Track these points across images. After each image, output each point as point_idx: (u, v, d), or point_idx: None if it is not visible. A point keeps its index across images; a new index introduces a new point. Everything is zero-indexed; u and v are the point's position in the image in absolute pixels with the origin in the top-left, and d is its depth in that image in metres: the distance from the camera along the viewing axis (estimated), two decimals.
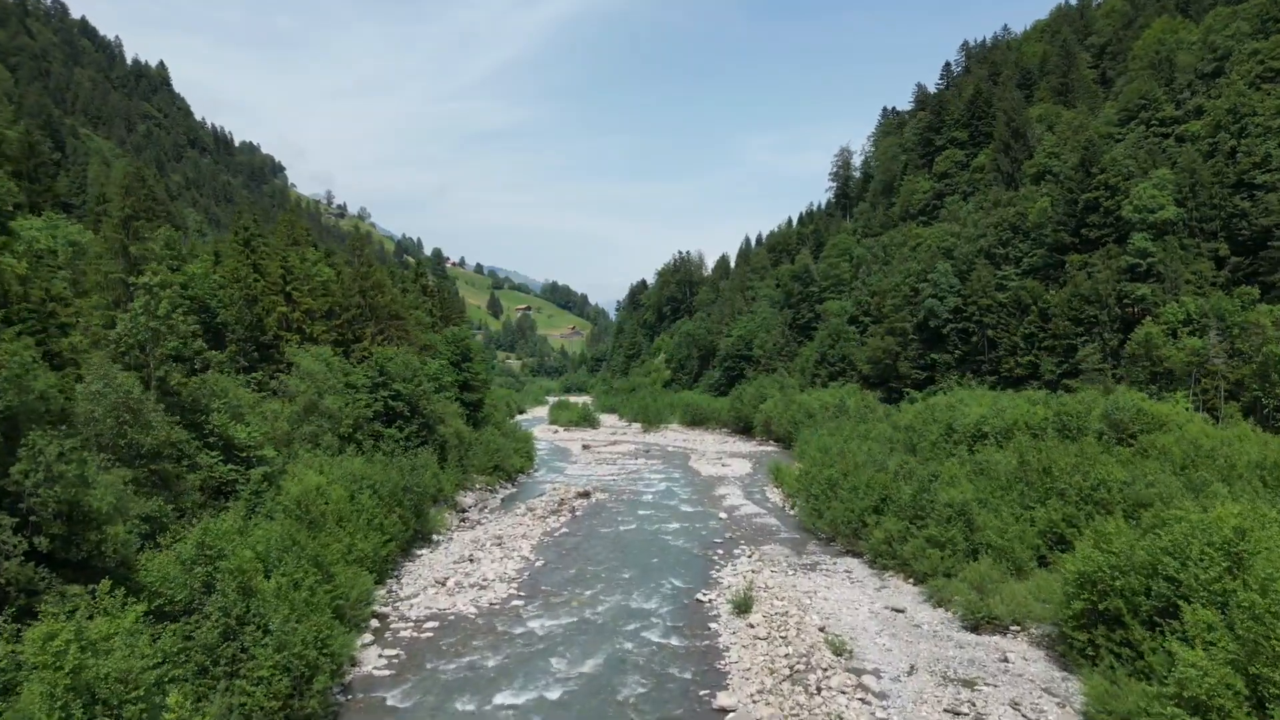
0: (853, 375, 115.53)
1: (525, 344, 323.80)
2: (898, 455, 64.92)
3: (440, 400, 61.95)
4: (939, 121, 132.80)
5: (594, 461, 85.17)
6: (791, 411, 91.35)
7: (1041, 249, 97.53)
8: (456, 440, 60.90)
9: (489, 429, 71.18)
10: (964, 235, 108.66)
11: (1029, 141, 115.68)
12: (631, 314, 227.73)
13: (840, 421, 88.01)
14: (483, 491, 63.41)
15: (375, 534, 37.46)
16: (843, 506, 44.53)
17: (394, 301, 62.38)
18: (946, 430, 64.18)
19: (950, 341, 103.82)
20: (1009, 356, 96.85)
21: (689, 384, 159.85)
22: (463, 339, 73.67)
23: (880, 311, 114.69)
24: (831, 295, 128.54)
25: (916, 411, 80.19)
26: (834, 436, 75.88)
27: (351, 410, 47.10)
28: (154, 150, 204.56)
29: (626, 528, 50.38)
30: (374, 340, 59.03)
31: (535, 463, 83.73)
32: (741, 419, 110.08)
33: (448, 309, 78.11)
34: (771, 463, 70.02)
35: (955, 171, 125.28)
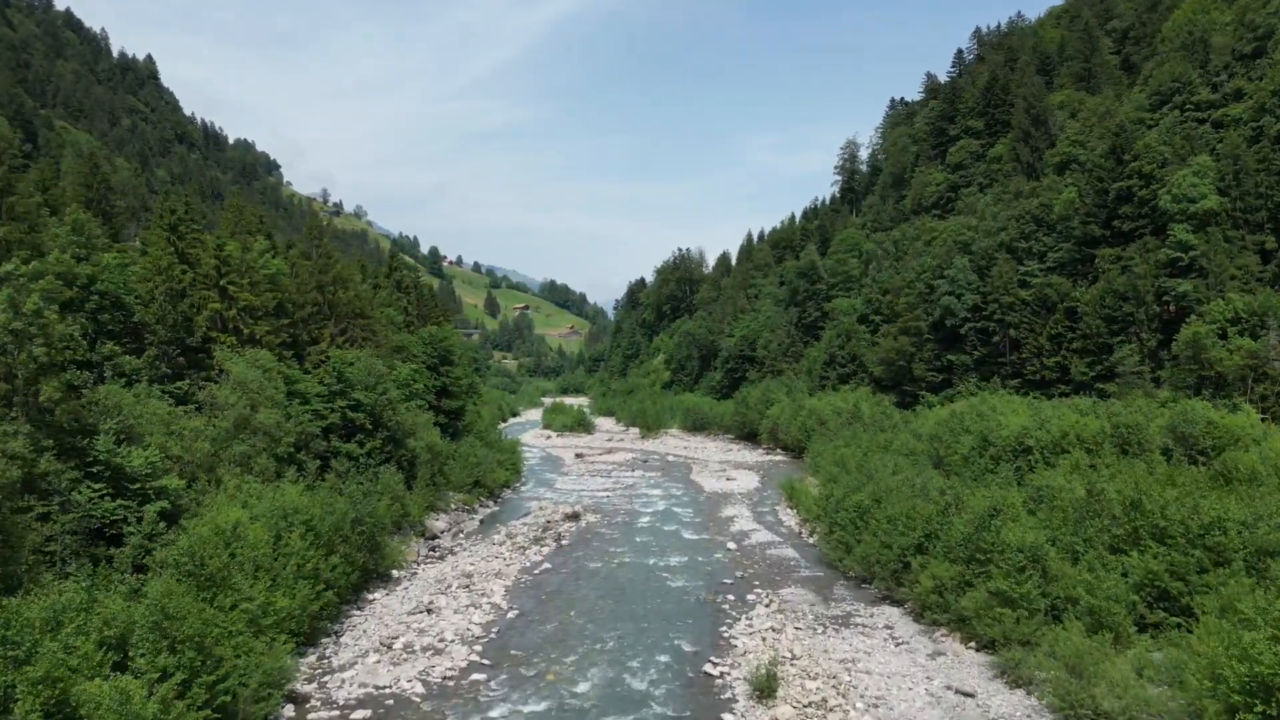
0: (863, 377, 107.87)
1: (522, 344, 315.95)
2: (926, 472, 57.32)
3: (411, 410, 54.31)
4: (952, 110, 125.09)
5: (587, 473, 77.48)
6: (801, 418, 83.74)
7: (1068, 243, 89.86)
8: (429, 455, 53.27)
9: (468, 440, 63.49)
10: (982, 229, 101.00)
11: (1050, 129, 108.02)
12: (630, 313, 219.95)
13: (854, 429, 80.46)
14: (459, 513, 55.76)
15: (306, 584, 29.80)
16: (877, 542, 36.87)
17: (359, 298, 54.72)
18: (981, 442, 56.57)
19: (968, 342, 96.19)
20: (1034, 358, 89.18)
21: (689, 385, 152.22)
22: (441, 339, 65.99)
23: (893, 310, 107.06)
24: (840, 293, 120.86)
25: (939, 419, 72.61)
26: (850, 447, 68.23)
27: (294, 425, 39.44)
28: (137, 144, 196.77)
29: (620, 561, 42.73)
30: (334, 342, 51.36)
31: (523, 475, 76.10)
32: (746, 424, 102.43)
33: (426, 307, 70.53)
34: (784, 481, 62.29)
35: (970, 162, 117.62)
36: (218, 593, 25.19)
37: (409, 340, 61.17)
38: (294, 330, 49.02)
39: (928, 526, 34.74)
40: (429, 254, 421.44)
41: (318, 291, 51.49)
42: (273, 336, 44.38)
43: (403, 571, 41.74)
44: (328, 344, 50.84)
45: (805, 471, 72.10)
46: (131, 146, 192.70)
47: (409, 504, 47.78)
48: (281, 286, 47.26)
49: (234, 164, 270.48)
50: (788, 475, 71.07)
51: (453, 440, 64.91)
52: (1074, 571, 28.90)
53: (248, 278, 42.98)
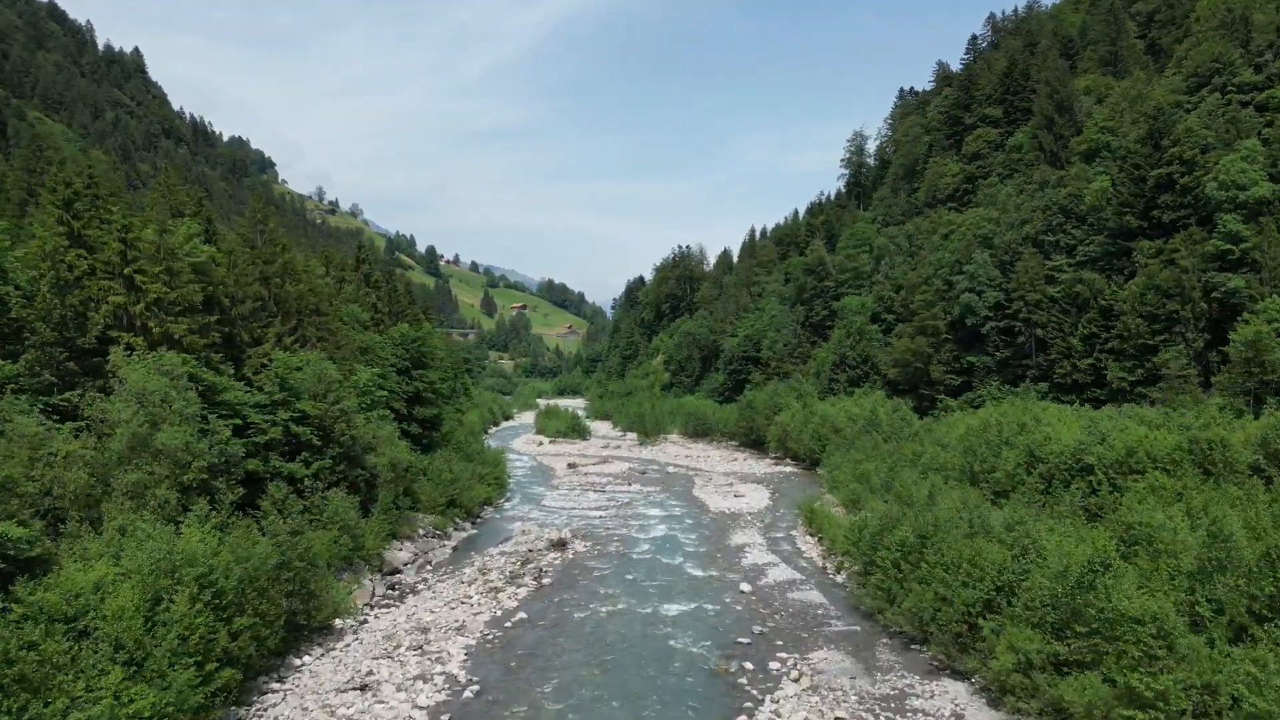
0: (876, 380, 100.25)
1: (519, 343, 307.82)
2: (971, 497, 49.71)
3: (372, 422, 46.63)
4: (968, 98, 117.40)
5: (579, 487, 69.75)
6: (813, 425, 76.01)
7: (1101, 235, 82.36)
8: (392, 474, 45.56)
9: (442, 454, 55.70)
10: (1004, 221, 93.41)
11: (1076, 116, 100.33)
12: (628, 312, 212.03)
13: (872, 438, 72.79)
14: (429, 539, 48.04)
15: (187, 667, 22.10)
16: (930, 593, 29.21)
17: (314, 292, 47.01)
18: (1027, 458, 48.91)
19: (990, 342, 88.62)
20: (1063, 360, 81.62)
21: (690, 388, 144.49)
22: (415, 339, 58.28)
23: (908, 308, 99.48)
24: (849, 290, 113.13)
25: (968, 427, 65.01)
26: (873, 461, 60.61)
27: (211, 445, 31.74)
28: (119, 137, 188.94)
29: (610, 609, 35.02)
30: (280, 343, 43.65)
31: (509, 489, 68.41)
32: (751, 431, 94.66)
33: (399, 303, 62.85)
34: (801, 502, 54.27)
35: (988, 152, 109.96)
36: (32, 700, 17.49)
37: (375, 341, 53.48)
38: (230, 329, 41.30)
39: (999, 577, 27.07)
40: (426, 253, 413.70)
41: (261, 284, 43.76)
42: (197, 337, 36.64)
43: (349, 620, 34.10)
44: (272, 345, 43.12)
45: (822, 486, 64.43)
46: (113, 140, 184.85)
47: (364, 534, 40.11)
48: (213, 277, 39.54)
49: (224, 160, 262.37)
50: (802, 491, 63.51)
51: (426, 453, 57.27)
52: (1213, 654, 21.32)
53: (163, 265, 35.26)
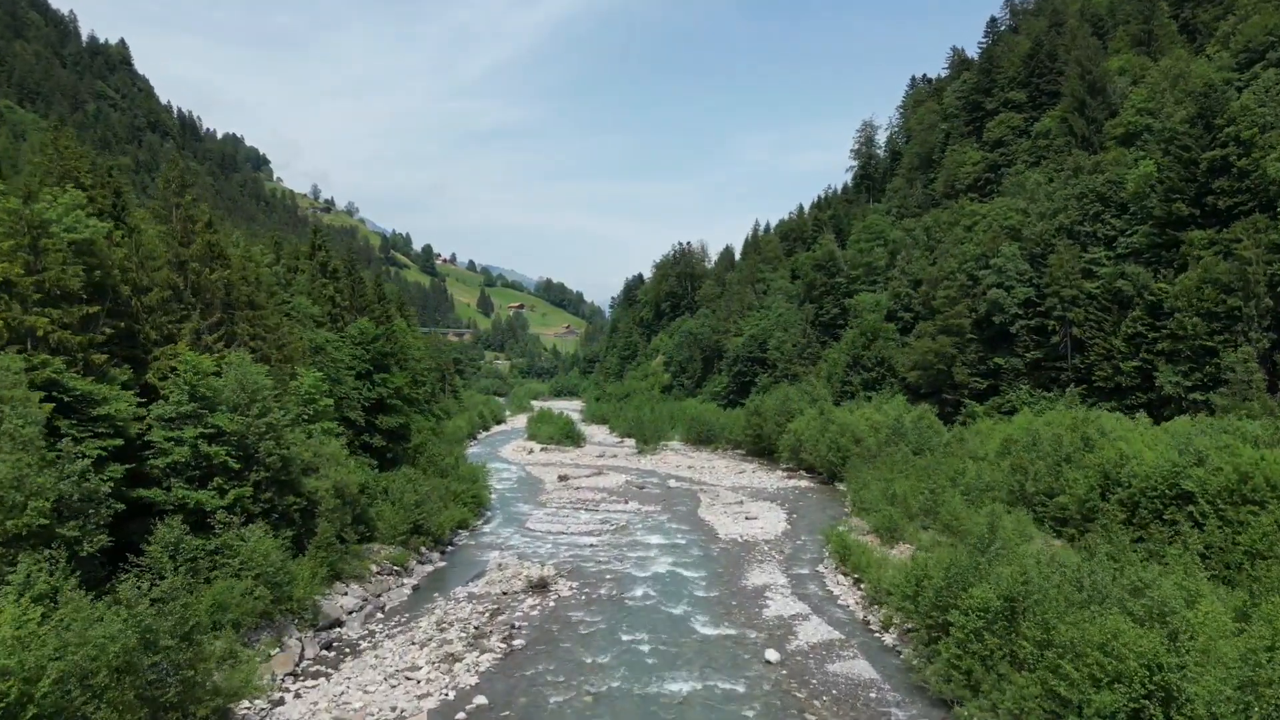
0: (893, 383, 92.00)
1: (515, 343, 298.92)
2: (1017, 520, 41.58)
3: (315, 436, 38.26)
4: (989, 82, 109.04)
5: (569, 504, 61.26)
6: (831, 434, 67.58)
7: (1145, 225, 74.07)
8: (337, 500, 37.16)
9: (406, 472, 47.10)
10: (1035, 211, 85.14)
11: (1110, 97, 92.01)
12: (626, 311, 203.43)
13: (898, 449, 64.46)
14: (385, 576, 39.61)
15: None
16: (1038, 687, 20.85)
17: (246, 280, 38.60)
18: (1100, 480, 40.63)
19: (1020, 342, 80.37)
20: (1104, 362, 73.35)
21: (691, 390, 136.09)
22: (375, 338, 49.83)
23: (928, 306, 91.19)
24: (863, 287, 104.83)
25: (1005, 439, 56.74)
26: (905, 478, 52.31)
27: (56, 479, 23.38)
28: (99, 129, 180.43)
29: (597, 688, 26.54)
30: (199, 342, 35.26)
31: (490, 507, 59.97)
32: (760, 439, 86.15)
33: (364, 297, 54.35)
34: (829, 531, 45.13)
35: (1012, 139, 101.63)
36: None
37: (329, 340, 45.05)
38: (131, 324, 32.89)
39: (1151, 678, 18.70)
40: (422, 251, 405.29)
41: (175, 269, 35.35)
42: (70, 333, 28.26)
43: (259, 701, 25.77)
44: (189, 344, 34.71)
45: (845, 506, 56.18)
46: (92, 132, 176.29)
47: (294, 579, 31.73)
48: (105, 260, 31.12)
49: (212, 155, 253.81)
50: (823, 512, 55.18)
51: (391, 470, 48.88)
52: None
53: (19, 240, 26.93)
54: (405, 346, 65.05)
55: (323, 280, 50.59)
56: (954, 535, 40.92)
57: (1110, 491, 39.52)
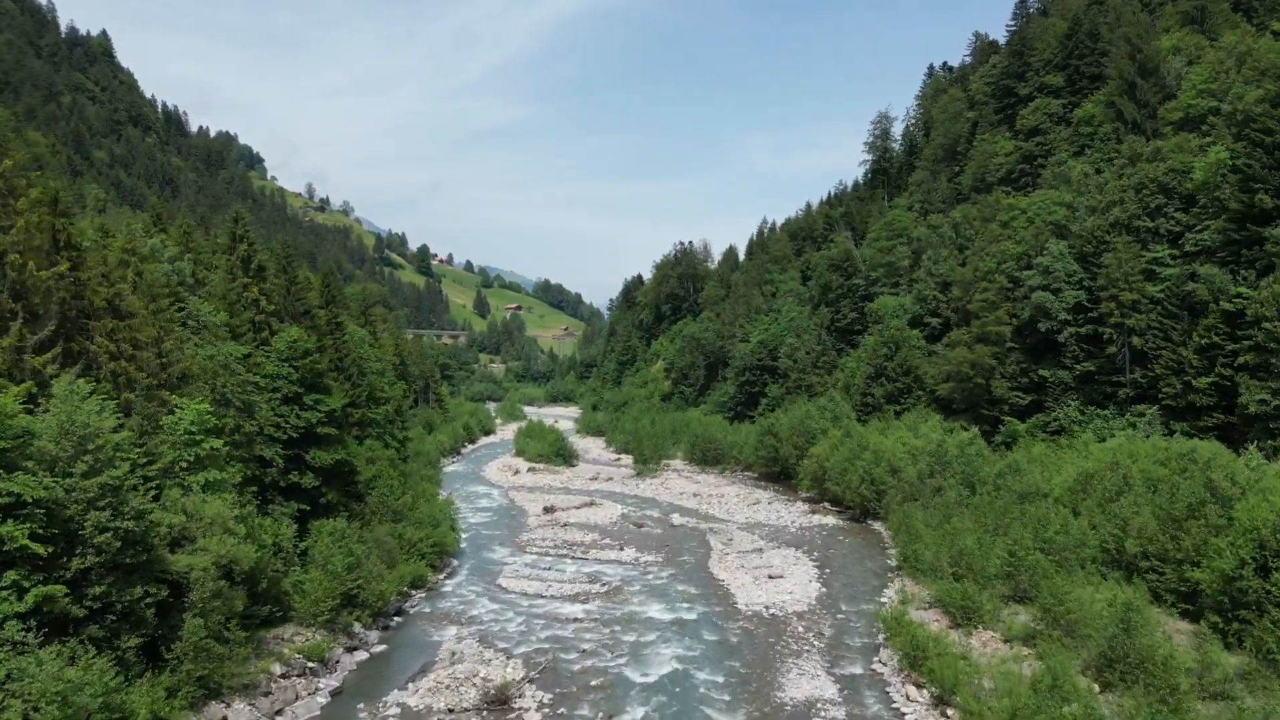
0: (921, 397, 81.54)
1: (511, 346, 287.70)
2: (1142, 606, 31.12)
3: (194, 493, 27.77)
4: (1021, 66, 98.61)
5: (554, 549, 50.68)
6: (863, 464, 57.01)
7: (1219, 219, 63.77)
8: (222, 582, 26.67)
9: (334, 526, 36.29)
10: (1084, 204, 74.73)
11: (1164, 78, 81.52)
12: (625, 313, 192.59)
13: (944, 481, 54.02)
14: (293, 679, 29.08)
15: None
16: None
17: (104, 280, 28.13)
18: (1257, 553, 30.13)
19: (1069, 352, 69.96)
20: (1172, 377, 63.00)
21: (694, 399, 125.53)
22: (308, 351, 39.22)
23: (961, 310, 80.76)
24: (884, 289, 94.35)
25: (1080, 475, 46.38)
26: (967, 525, 41.85)
27: None
28: (72, 122, 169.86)
29: None
30: (17, 364, 24.80)
31: (457, 553, 49.43)
32: (775, 461, 75.48)
33: (300, 299, 43.70)
34: (889, 619, 33.61)
35: (1050, 126, 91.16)
36: None
37: (234, 355, 34.37)
38: None
39: None
40: (418, 251, 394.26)
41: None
42: None
43: None
44: (5, 368, 24.26)
45: (890, 556, 45.72)
46: (64, 124, 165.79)
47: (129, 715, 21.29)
48: None
49: (197, 151, 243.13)
50: (861, 565, 44.64)
51: (327, 517, 38.32)
52: None
53: None
54: (362, 358, 54.54)
55: (244, 280, 40.16)
56: (1053, 619, 30.47)
57: (1274, 564, 29.13)
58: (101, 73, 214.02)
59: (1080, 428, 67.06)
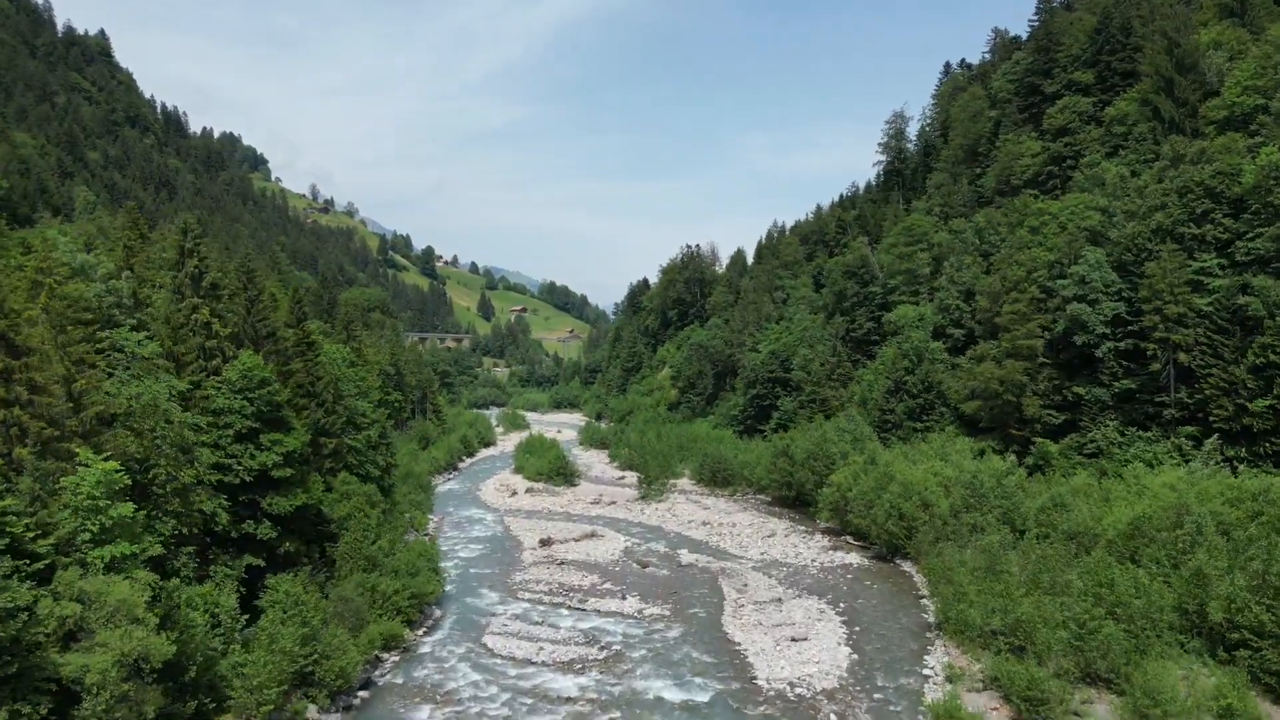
0: (944, 414, 76.00)
1: (516, 349, 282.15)
2: None
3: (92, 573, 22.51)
4: (1047, 62, 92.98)
5: (549, 595, 45.30)
6: (891, 496, 51.47)
7: (1272, 225, 58.34)
8: (126, 685, 21.36)
9: (284, 591, 30.92)
10: (1123, 208, 69.19)
11: (1205, 74, 75.86)
12: (631, 319, 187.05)
13: (981, 514, 48.61)
14: None
15: None
16: None
17: None
18: None
19: (1107, 368, 64.42)
20: (1222, 397, 57.47)
21: (701, 409, 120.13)
22: (265, 381, 33.92)
23: (988, 322, 75.23)
24: (903, 298, 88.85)
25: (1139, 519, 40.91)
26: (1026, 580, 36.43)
27: None
28: (66, 122, 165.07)
29: None
30: None
31: (440, 599, 44.12)
32: (791, 485, 69.90)
33: (263, 320, 38.31)
34: (938, 705, 28.29)
35: (1079, 125, 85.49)
36: None
37: (160, 394, 28.99)
38: None
39: None
40: (422, 253, 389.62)
41: None
42: None
43: None
44: None
45: (928, 610, 40.29)
46: (57, 125, 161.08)
47: None
48: None
49: (197, 152, 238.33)
50: (898, 622, 39.26)
51: (289, 570, 33.07)
52: None
53: None
54: (339, 380, 49.25)
55: (193, 300, 34.86)
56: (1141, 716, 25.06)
57: None
58: (99, 73, 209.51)
59: (1120, 449, 61.62)
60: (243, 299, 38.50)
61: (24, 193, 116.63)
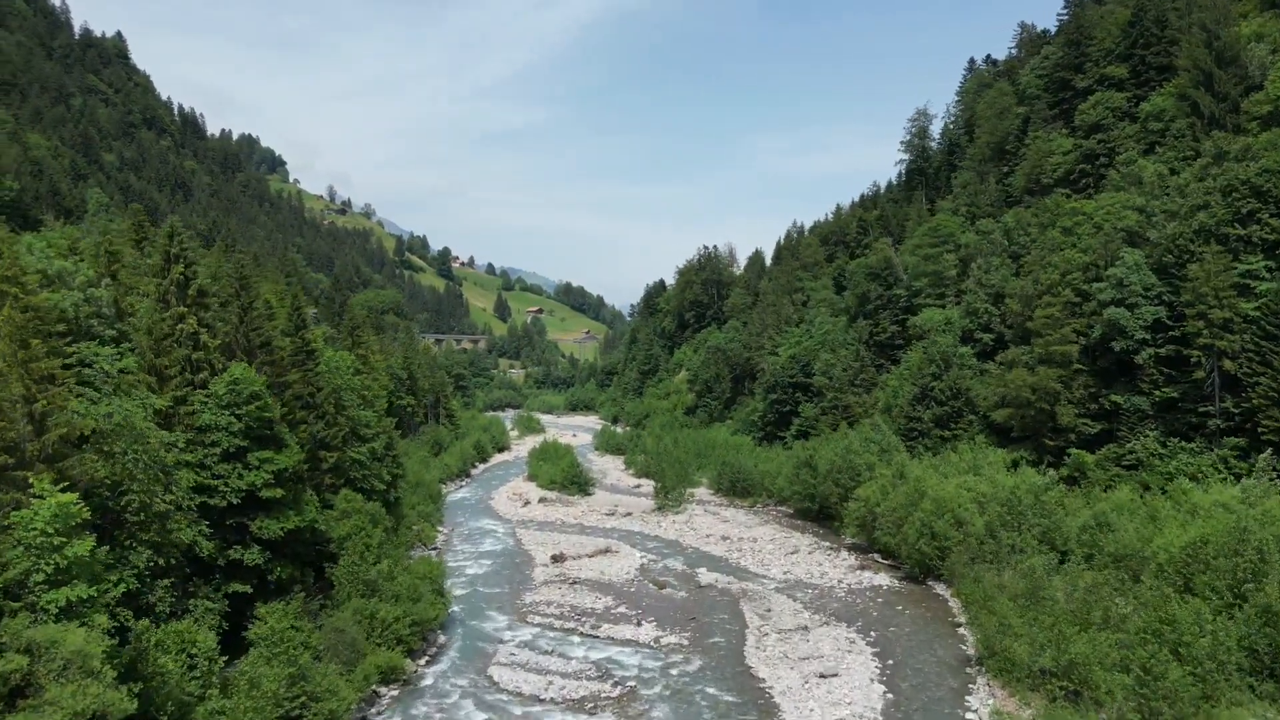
0: (972, 422, 72.85)
1: (531, 351, 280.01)
2: None
3: (40, 622, 19.99)
4: (1078, 56, 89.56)
5: (559, 619, 42.74)
6: (922, 514, 48.51)
7: None
8: None
9: (272, 621, 28.40)
10: (1162, 208, 65.89)
11: (1246, 68, 72.36)
12: (647, 321, 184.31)
13: (1019, 534, 45.66)
14: None
15: None
16: None
17: None
18: None
19: (1147, 376, 61.16)
20: (1273, 408, 54.15)
21: (719, 413, 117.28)
22: (254, 396, 31.50)
23: (1018, 327, 72.04)
24: (928, 301, 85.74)
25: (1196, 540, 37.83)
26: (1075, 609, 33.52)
27: None
28: (81, 124, 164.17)
29: None
30: None
31: (445, 622, 41.66)
32: (813, 498, 66.97)
33: (257, 330, 35.56)
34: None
35: (1113, 122, 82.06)
36: None
37: (130, 413, 26.45)
38: None
39: None
40: (439, 254, 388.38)
41: None
42: None
43: None
44: None
45: (966, 642, 37.42)
46: (71, 127, 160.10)
47: None
48: None
49: (214, 154, 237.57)
50: (934, 653, 36.44)
51: (278, 600, 30.64)
52: None
53: None
54: (340, 390, 46.89)
55: (179, 309, 32.48)
56: None
57: None
58: (115, 74, 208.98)
59: (1161, 461, 58.45)
60: (236, 307, 36.18)
61: (35, 195, 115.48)
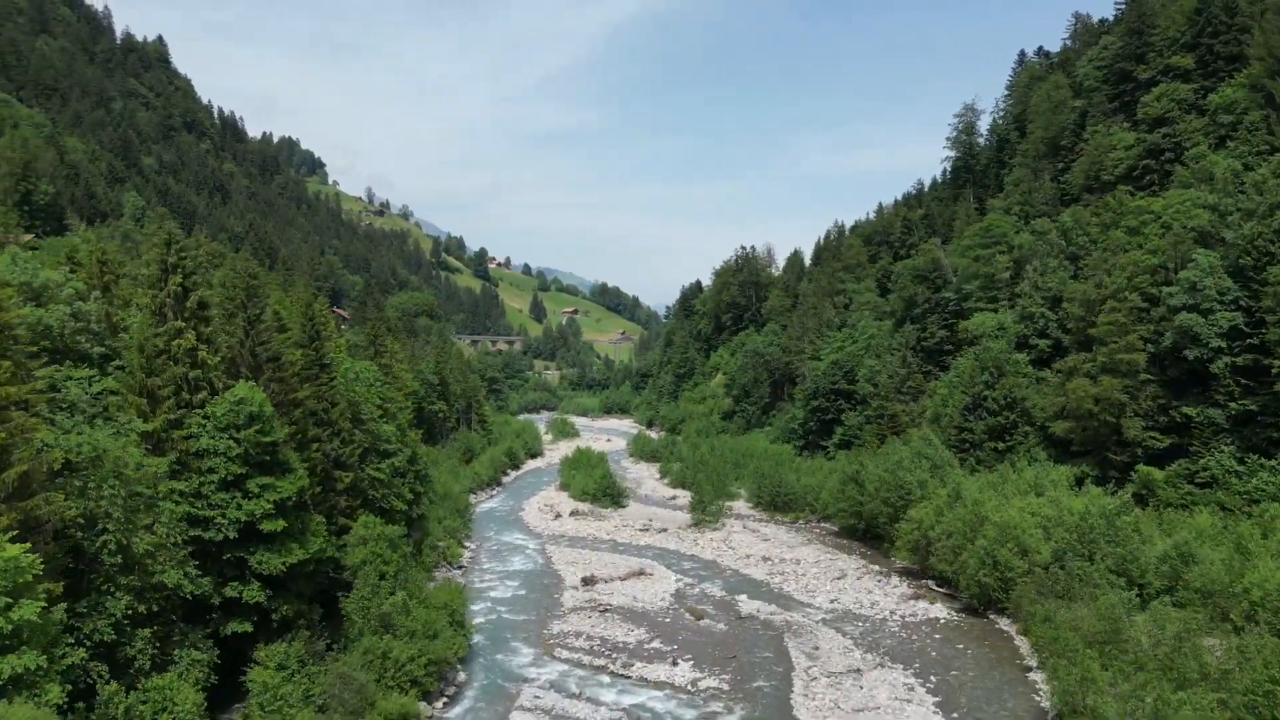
0: (1029, 434, 68.36)
1: (567, 352, 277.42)
2: None
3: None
4: (1141, 46, 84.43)
5: (589, 655, 39.38)
6: (985, 541, 44.38)
7: None
8: None
9: (265, 675, 25.50)
10: (1237, 206, 61.05)
11: None
12: (682, 323, 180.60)
13: (1092, 565, 41.58)
14: None
15: None
16: None
17: None
18: None
19: (1223, 387, 56.44)
20: None
21: (757, 419, 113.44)
22: (255, 418, 28.68)
23: (1078, 332, 67.48)
24: (980, 304, 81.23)
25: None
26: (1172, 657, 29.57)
27: None
28: (121, 128, 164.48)
29: None
30: None
31: (466, 654, 38.67)
32: (860, 516, 62.94)
33: (264, 344, 32.77)
34: None
35: (1179, 115, 76.96)
36: None
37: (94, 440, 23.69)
38: None
39: None
40: (475, 255, 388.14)
41: None
42: None
43: None
44: None
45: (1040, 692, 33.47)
46: (111, 130, 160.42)
47: None
48: None
49: (253, 157, 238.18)
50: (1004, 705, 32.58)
51: (280, 640, 27.86)
52: None
53: None
54: (357, 402, 44.13)
55: (176, 324, 29.78)
56: None
57: None
58: (156, 79, 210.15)
59: (1239, 480, 53.77)
60: (242, 319, 33.51)
61: (71, 198, 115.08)
